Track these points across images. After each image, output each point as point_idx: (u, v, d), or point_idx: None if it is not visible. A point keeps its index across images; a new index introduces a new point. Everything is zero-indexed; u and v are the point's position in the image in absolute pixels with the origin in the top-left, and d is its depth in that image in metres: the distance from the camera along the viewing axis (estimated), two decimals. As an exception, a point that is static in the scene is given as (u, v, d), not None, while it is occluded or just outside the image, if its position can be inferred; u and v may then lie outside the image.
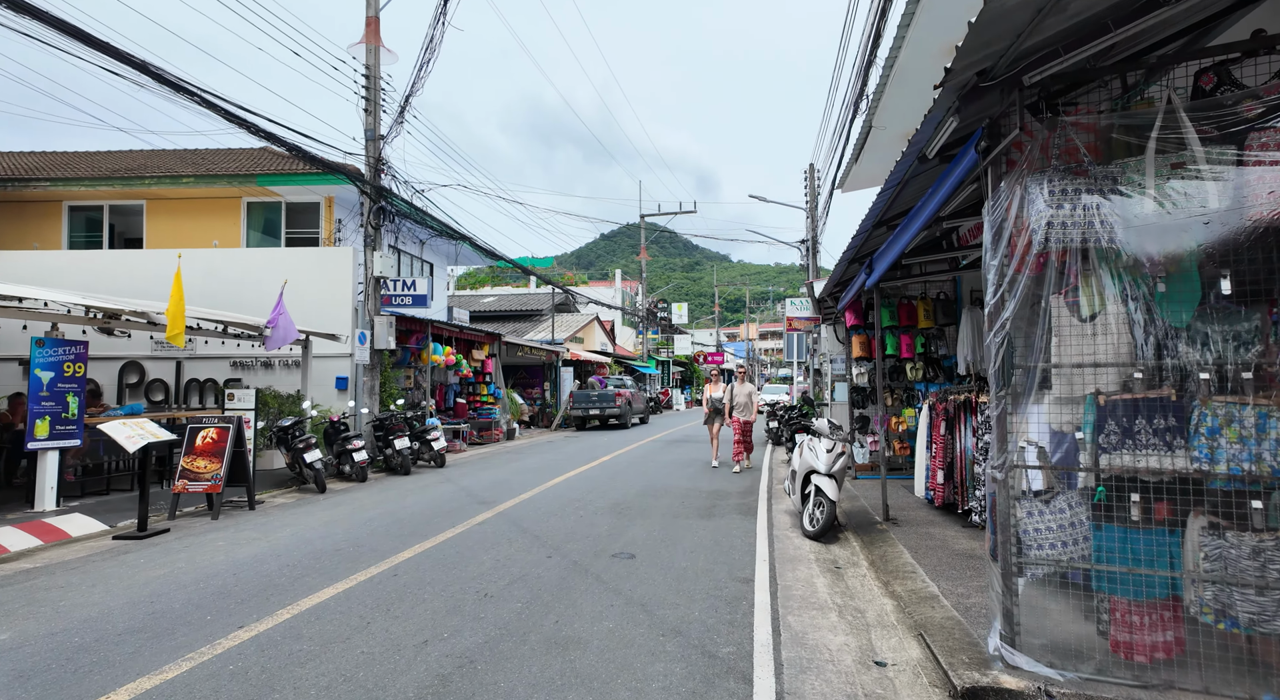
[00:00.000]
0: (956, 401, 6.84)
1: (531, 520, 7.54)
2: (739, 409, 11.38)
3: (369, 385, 12.82)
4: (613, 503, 8.62)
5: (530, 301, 30.32)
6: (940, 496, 7.02)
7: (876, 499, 8.43)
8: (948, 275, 10.18)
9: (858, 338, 10.38)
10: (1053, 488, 3.60)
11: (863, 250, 7.46)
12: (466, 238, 15.90)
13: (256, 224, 15.32)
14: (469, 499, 9.01)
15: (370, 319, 12.81)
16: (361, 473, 10.89)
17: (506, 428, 19.03)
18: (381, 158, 12.86)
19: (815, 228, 16.81)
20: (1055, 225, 3.40)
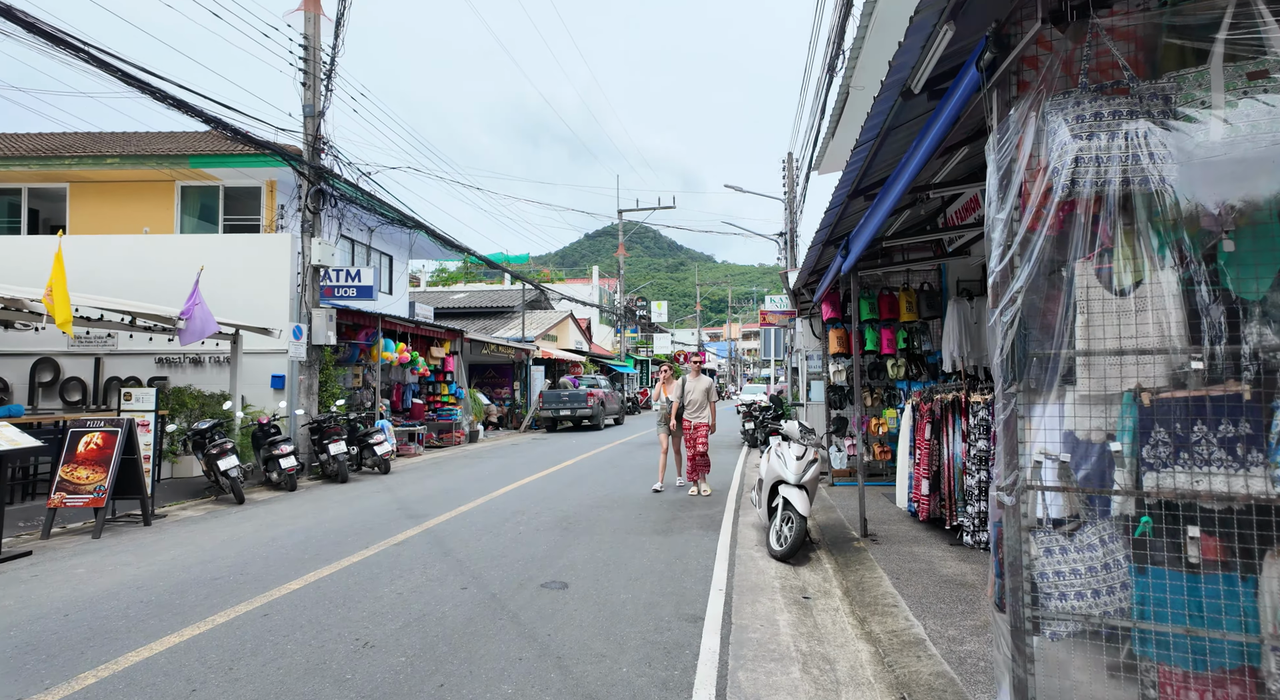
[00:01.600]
0: (943, 402, 5.98)
1: (461, 538, 6.58)
2: (691, 410, 8.99)
3: (306, 384, 11.75)
4: (561, 515, 7.67)
5: (502, 298, 29.24)
6: (925, 510, 6.16)
7: (854, 509, 7.57)
8: (932, 263, 9.36)
9: (835, 332, 9.53)
10: (1078, 516, 2.72)
11: (838, 230, 6.58)
12: (422, 226, 14.87)
13: (192, 210, 14.18)
14: (399, 512, 8.01)
15: (308, 311, 11.75)
16: (290, 481, 9.84)
17: (469, 430, 18.00)
18: (321, 135, 11.80)
19: (793, 218, 15.99)
20: (1085, 162, 2.51)
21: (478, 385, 23.78)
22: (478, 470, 11.90)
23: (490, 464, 12.83)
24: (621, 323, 36.21)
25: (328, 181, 11.95)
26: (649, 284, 75.33)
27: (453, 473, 11.62)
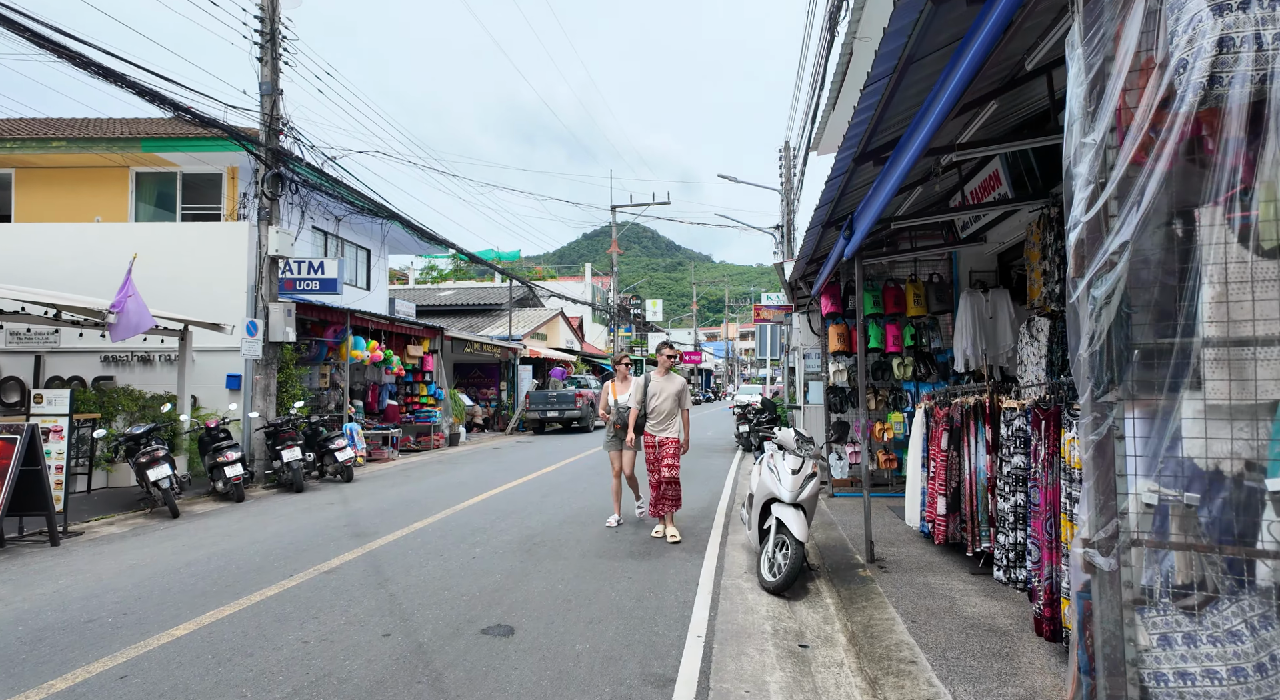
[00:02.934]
0: (964, 406, 5.10)
1: (404, 564, 5.69)
2: (656, 420, 6.58)
3: (263, 384, 10.85)
4: (526, 534, 6.78)
5: (490, 296, 28.34)
6: (941, 532, 5.28)
7: (857, 526, 6.70)
8: (942, 251, 8.49)
9: (835, 328, 8.66)
10: (1209, 586, 1.85)
11: (840, 208, 5.70)
12: (396, 216, 13.97)
13: (148, 197, 13.26)
14: (345, 529, 7.12)
15: (265, 306, 10.84)
16: (237, 491, 8.94)
17: (449, 432, 17.09)
18: (279, 115, 10.89)
19: (790, 209, 15.10)
20: (1234, 47, 1.64)
21: (463, 386, 22.88)
22: (449, 477, 11.01)
23: (465, 470, 11.94)
24: (615, 322, 35.33)
25: (287, 165, 11.05)
26: (644, 281, 74.46)
27: (421, 481, 10.73)
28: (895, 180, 4.11)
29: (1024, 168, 5.85)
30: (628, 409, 6.91)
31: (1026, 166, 5.80)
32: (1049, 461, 3.49)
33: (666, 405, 6.57)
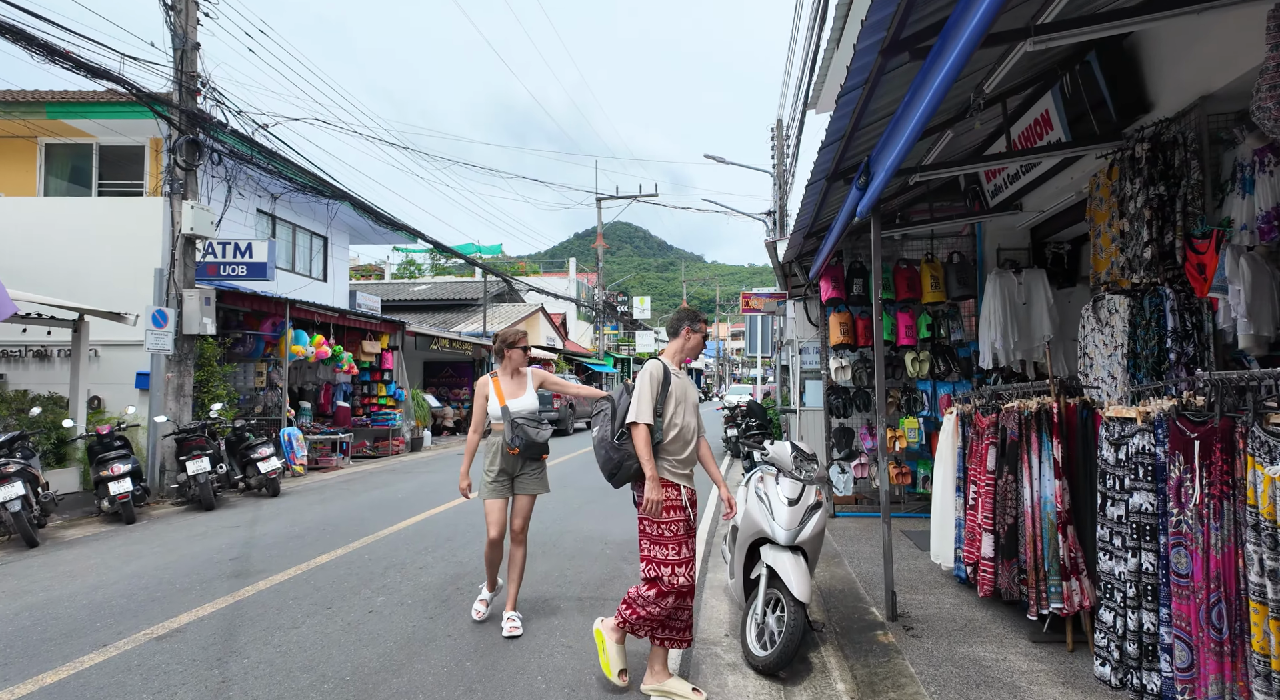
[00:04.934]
0: (1022, 413, 3.75)
1: (274, 623, 4.28)
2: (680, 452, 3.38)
3: (175, 383, 9.37)
4: (451, 573, 5.38)
5: (466, 291, 26.82)
6: (988, 581, 3.91)
7: (868, 559, 5.33)
8: (964, 224, 7.16)
9: (837, 317, 7.30)
10: None
11: (850, 151, 4.33)
12: (345, 195, 12.51)
13: (60, 171, 11.76)
14: (228, 565, 5.69)
15: (178, 292, 9.38)
16: (127, 511, 7.48)
17: (411, 436, 15.64)
18: (196, 74, 9.43)
19: (784, 193, 13.75)
20: None
21: (433, 386, 21.42)
22: (392, 491, 9.58)
23: (413, 482, 10.50)
24: (601, 319, 33.91)
25: (206, 131, 9.58)
26: (635, 280, 73.00)
27: (359, 495, 9.29)
28: (933, 95, 2.75)
29: (1089, 102, 4.51)
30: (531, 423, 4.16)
31: (1095, 100, 4.45)
32: (1212, 508, 2.13)
33: (694, 422, 3.49)
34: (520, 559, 4.28)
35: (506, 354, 4.34)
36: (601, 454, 3.38)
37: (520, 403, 4.23)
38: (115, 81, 8.06)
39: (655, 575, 3.20)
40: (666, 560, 3.20)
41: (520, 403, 4.23)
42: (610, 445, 3.33)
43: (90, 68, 7.75)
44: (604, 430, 3.38)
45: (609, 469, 3.37)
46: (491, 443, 4.26)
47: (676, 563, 3.20)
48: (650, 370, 3.37)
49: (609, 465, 3.36)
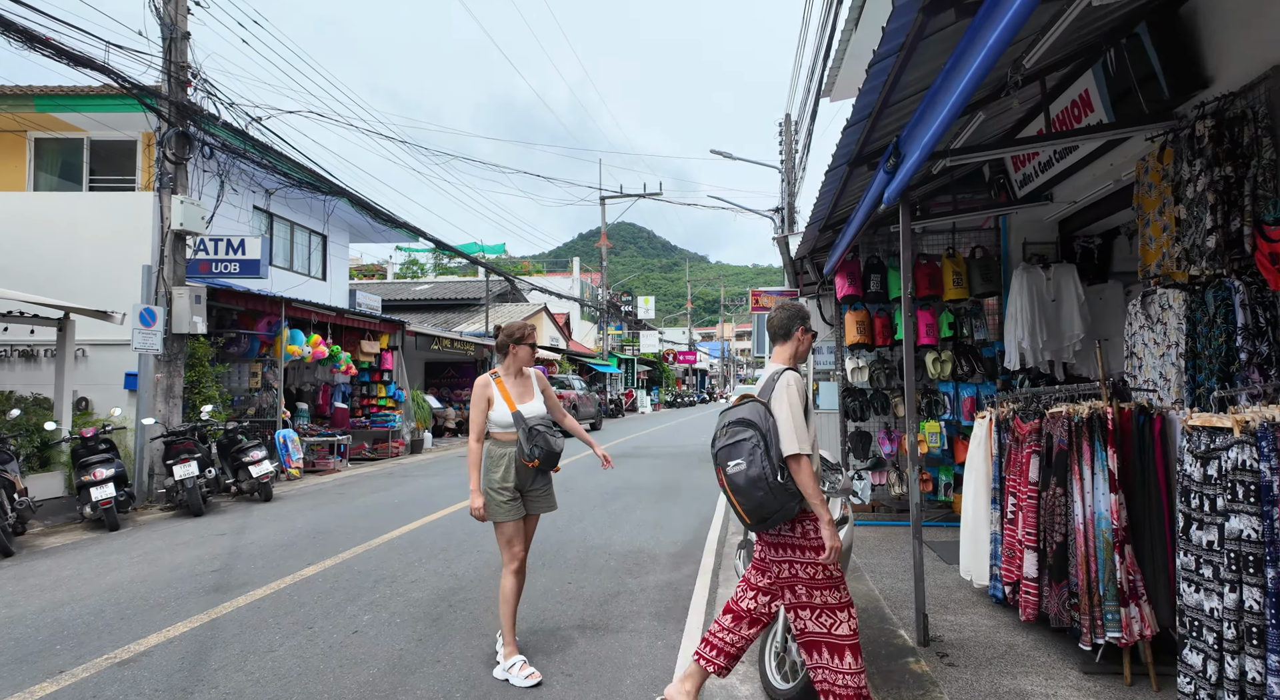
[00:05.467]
0: (1071, 419, 3.38)
1: (250, 645, 3.94)
2: None
3: (165, 384, 9.06)
4: (445, 587, 5.04)
5: (468, 290, 26.50)
6: (1032, 604, 3.54)
7: (892, 573, 4.95)
8: (987, 217, 6.79)
9: (854, 315, 6.92)
10: None
11: (876, 132, 3.97)
12: (342, 191, 12.20)
13: (51, 166, 11.47)
14: (210, 577, 5.36)
15: (167, 290, 9.06)
16: (110, 517, 7.17)
17: (411, 438, 15.31)
18: (187, 64, 9.12)
19: (792, 189, 13.38)
20: None
21: (435, 386, 21.12)
22: (389, 496, 9.25)
23: (411, 486, 10.17)
24: (604, 319, 33.58)
25: (196, 123, 9.27)
26: (639, 281, 72.74)
27: (354, 500, 8.96)
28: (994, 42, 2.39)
29: (1137, 79, 4.13)
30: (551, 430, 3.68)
31: (1143, 75, 4.08)
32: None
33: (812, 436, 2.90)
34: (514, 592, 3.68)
35: (512, 350, 3.69)
36: (756, 496, 2.55)
37: (532, 407, 3.67)
38: (100, 70, 7.75)
39: (852, 629, 2.63)
40: (842, 603, 2.67)
41: (532, 407, 3.67)
42: (773, 486, 2.53)
43: (73, 55, 7.44)
44: (758, 466, 2.54)
45: (764, 513, 2.59)
46: (497, 453, 3.60)
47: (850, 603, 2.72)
48: (796, 383, 2.71)
49: (765, 509, 2.57)
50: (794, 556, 2.68)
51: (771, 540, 2.74)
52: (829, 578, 2.66)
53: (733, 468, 2.58)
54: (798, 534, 2.67)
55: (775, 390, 2.70)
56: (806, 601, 2.67)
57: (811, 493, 2.58)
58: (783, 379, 2.72)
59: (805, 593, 2.67)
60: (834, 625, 2.63)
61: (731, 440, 2.63)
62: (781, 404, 2.65)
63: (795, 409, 2.64)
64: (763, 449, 2.55)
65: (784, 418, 2.63)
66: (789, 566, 2.70)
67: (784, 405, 2.65)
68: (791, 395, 2.67)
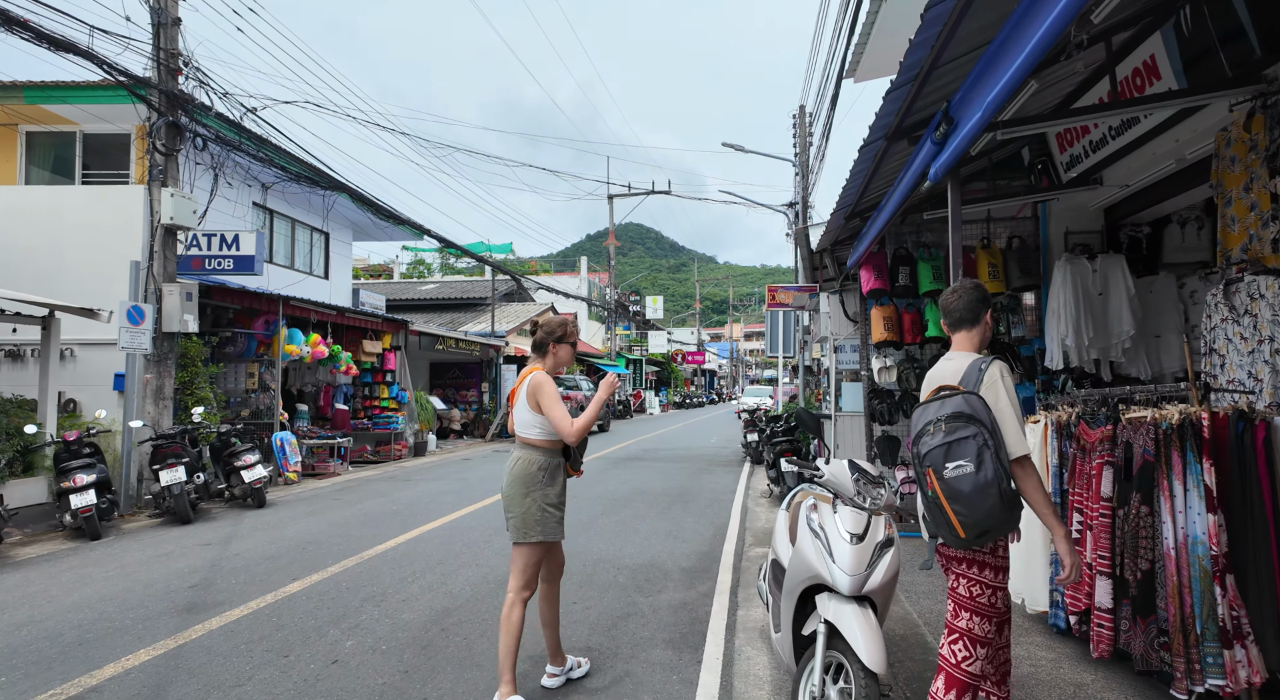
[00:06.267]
0: (1159, 426, 2.90)
1: (213, 679, 3.52)
2: None
3: (155, 385, 8.69)
4: (439, 607, 4.60)
5: (475, 290, 26.13)
6: (1107, 639, 3.06)
7: (926, 590, 4.47)
8: (1025, 201, 6.29)
9: (881, 311, 6.45)
10: None
11: (920, 100, 3.51)
12: (343, 186, 11.81)
13: (43, 160, 11.14)
14: (186, 594, 4.95)
15: (157, 287, 8.69)
16: (91, 525, 6.78)
17: (414, 440, 14.92)
18: (178, 52, 8.75)
19: (807, 180, 12.89)
20: None
21: (440, 387, 20.74)
22: (388, 502, 8.84)
23: (411, 491, 9.76)
24: (613, 319, 33.15)
25: (188, 113, 8.90)
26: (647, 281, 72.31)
27: (350, 506, 8.55)
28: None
29: (1217, 38, 3.64)
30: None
31: (1226, 33, 3.59)
32: None
33: None
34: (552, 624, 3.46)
35: (552, 349, 3.33)
36: (985, 505, 2.20)
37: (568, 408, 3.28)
38: (83, 56, 7.38)
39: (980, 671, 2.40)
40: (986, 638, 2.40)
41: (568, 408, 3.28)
42: (1006, 494, 2.20)
43: (53, 39, 7.06)
44: (990, 470, 2.20)
45: (987, 525, 2.22)
46: (551, 464, 3.23)
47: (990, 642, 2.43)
48: (1009, 375, 2.43)
49: (990, 520, 2.21)
50: (973, 573, 2.39)
51: (957, 554, 2.43)
52: (990, 606, 2.36)
53: (954, 470, 2.23)
54: (986, 549, 2.37)
55: (984, 382, 2.36)
56: (950, 622, 2.43)
57: (1042, 501, 2.31)
58: (993, 369, 2.38)
59: (952, 611, 2.43)
60: (966, 660, 2.36)
61: (951, 437, 2.26)
62: (1000, 398, 2.33)
63: (1015, 404, 2.34)
64: (992, 449, 2.21)
65: (1007, 414, 2.31)
66: (963, 582, 2.42)
67: (1003, 399, 2.33)
68: (1009, 388, 2.37)
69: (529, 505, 3.13)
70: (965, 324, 2.58)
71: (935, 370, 2.62)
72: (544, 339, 3.32)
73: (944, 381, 2.51)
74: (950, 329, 2.64)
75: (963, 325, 2.59)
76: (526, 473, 3.16)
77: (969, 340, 2.59)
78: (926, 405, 2.44)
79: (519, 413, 3.25)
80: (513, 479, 3.16)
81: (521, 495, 3.14)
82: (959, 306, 2.59)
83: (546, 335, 3.32)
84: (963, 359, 2.52)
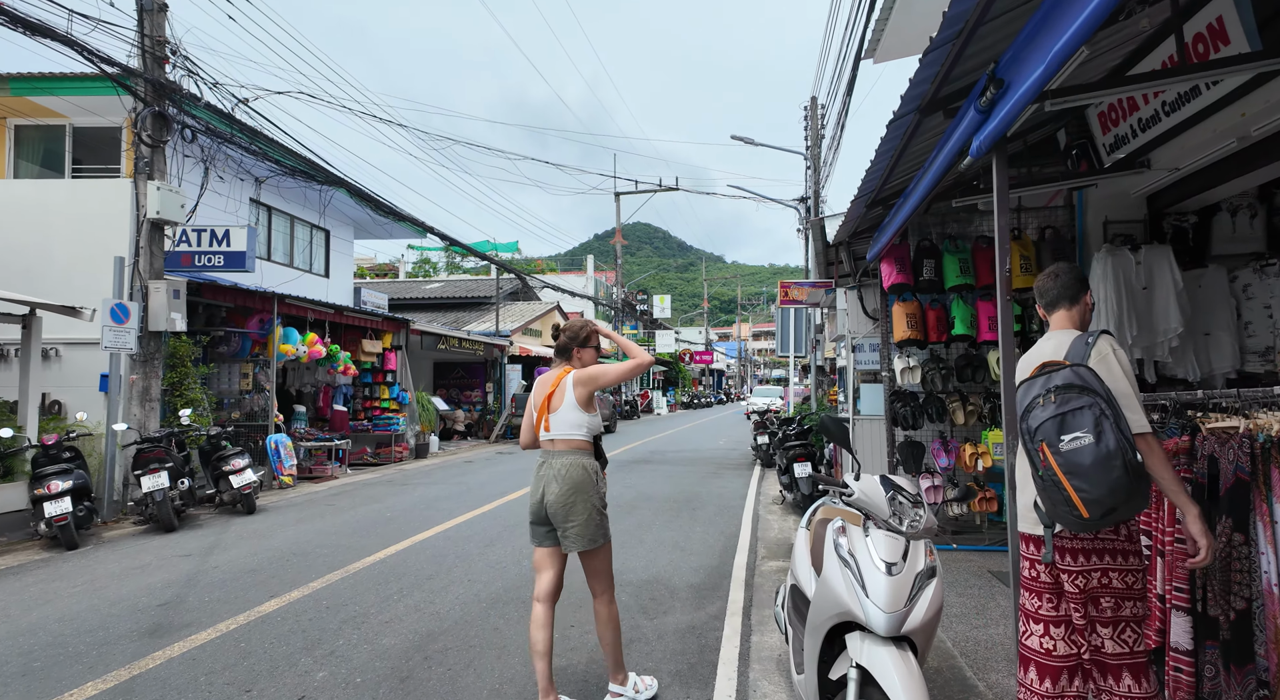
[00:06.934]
0: (1255, 438, 2.46)
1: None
2: None
3: (141, 386, 8.36)
4: (424, 631, 4.21)
5: (480, 288, 25.78)
6: (1186, 685, 2.62)
7: (959, 613, 4.02)
8: (1059, 187, 5.83)
9: (903, 307, 6.00)
10: None
11: (959, 66, 3.08)
12: (340, 180, 11.46)
13: (32, 155, 10.86)
14: (153, 613, 4.58)
15: (143, 284, 8.36)
16: (66, 534, 6.44)
17: (416, 442, 14.57)
18: (164, 39, 8.41)
19: (819, 174, 12.44)
20: None
21: (444, 387, 20.41)
22: (382, 508, 8.46)
23: (409, 496, 9.39)
24: (619, 318, 32.76)
25: (175, 103, 8.56)
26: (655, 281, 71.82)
27: (344, 513, 8.18)
28: None
29: (1301, -8, 3.19)
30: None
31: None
32: None
33: None
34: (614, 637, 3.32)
35: (576, 354, 3.26)
36: (1110, 478, 2.00)
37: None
38: (61, 40, 7.04)
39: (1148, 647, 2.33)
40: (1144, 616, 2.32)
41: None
42: (1132, 465, 2.01)
43: (26, 22, 6.72)
44: (1112, 439, 2.01)
45: (1114, 501, 2.02)
46: (594, 464, 3.18)
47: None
48: (1117, 347, 2.29)
49: (1117, 495, 2.01)
50: (1110, 563, 2.25)
51: (1084, 545, 2.26)
52: (1141, 588, 2.28)
53: (1071, 442, 2.07)
54: (1121, 535, 2.25)
55: (1092, 356, 2.24)
56: (1112, 616, 2.25)
57: (1172, 479, 2.18)
58: (1102, 343, 2.28)
59: (1113, 606, 2.25)
60: (1135, 641, 2.25)
61: (1064, 408, 2.10)
62: (1113, 370, 2.22)
63: (1132, 378, 2.23)
64: (1111, 419, 2.04)
65: (1123, 387, 2.19)
66: (1101, 575, 2.25)
67: (1118, 372, 2.22)
68: (1123, 361, 2.26)
69: (590, 510, 3.07)
70: (1064, 301, 2.52)
71: (1033, 351, 2.52)
72: (568, 343, 3.26)
73: (1045, 358, 2.37)
74: (1046, 309, 2.59)
75: (1060, 304, 2.53)
76: (584, 477, 3.06)
77: (1068, 318, 2.51)
78: (1032, 380, 2.29)
79: (565, 414, 3.11)
80: (569, 486, 3.02)
81: (583, 501, 3.04)
82: (1055, 287, 2.54)
83: (570, 340, 3.25)
84: (1063, 336, 2.42)
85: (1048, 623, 2.40)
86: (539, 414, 3.16)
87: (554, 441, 3.11)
